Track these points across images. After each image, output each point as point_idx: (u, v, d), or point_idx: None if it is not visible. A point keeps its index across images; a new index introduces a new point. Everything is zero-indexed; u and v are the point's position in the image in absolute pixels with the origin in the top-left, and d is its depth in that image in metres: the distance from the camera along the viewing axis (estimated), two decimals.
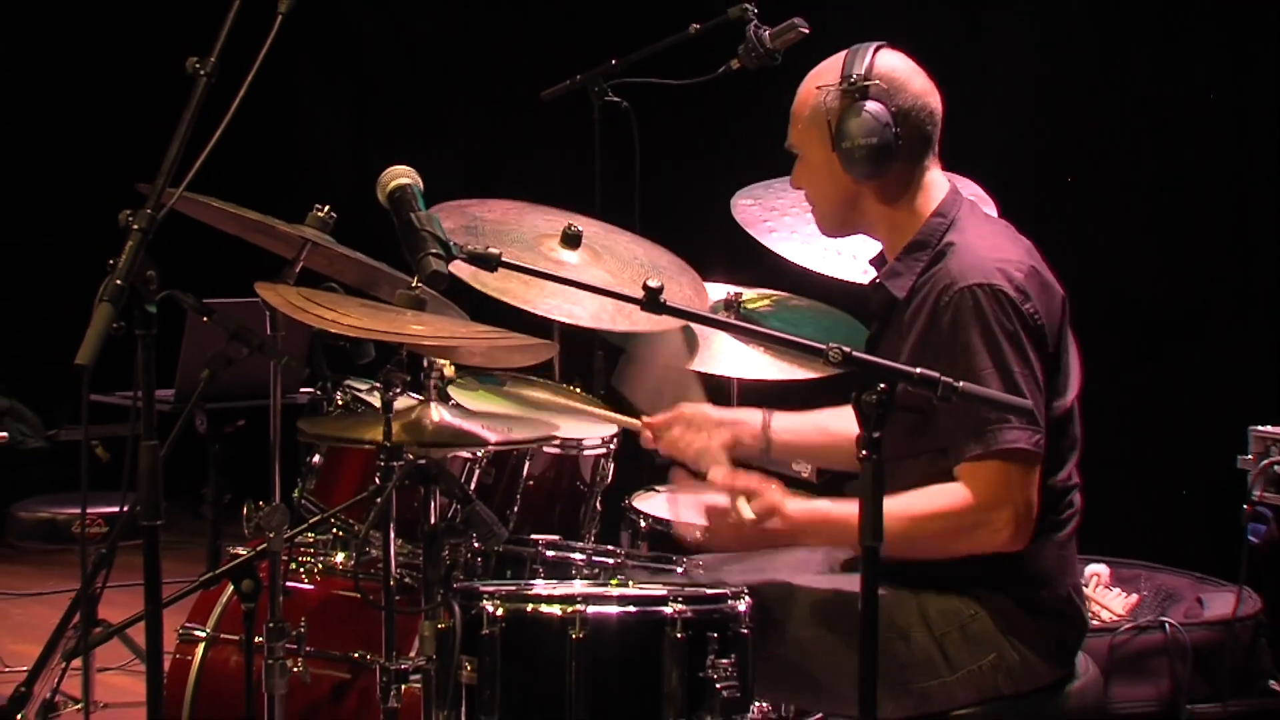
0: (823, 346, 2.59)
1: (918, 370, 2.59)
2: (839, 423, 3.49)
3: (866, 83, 3.14)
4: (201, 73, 2.67)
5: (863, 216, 3.28)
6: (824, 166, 3.24)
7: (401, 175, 2.82)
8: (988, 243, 3.14)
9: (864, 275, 3.70)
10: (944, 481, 3.06)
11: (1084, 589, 3.69)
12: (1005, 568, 3.10)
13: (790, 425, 3.55)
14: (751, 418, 3.54)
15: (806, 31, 4.21)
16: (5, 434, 5.25)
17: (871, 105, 3.12)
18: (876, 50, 3.20)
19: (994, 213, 4.04)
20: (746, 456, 3.49)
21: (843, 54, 3.23)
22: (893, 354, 3.00)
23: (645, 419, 3.53)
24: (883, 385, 2.53)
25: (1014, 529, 3.00)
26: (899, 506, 2.92)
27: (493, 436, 3.55)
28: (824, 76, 3.23)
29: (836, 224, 3.36)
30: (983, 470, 3.01)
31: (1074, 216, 5.47)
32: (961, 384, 2.58)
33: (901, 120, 3.15)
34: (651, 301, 2.67)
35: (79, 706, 4.91)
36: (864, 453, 2.51)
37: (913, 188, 3.23)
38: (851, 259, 3.95)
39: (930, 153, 3.24)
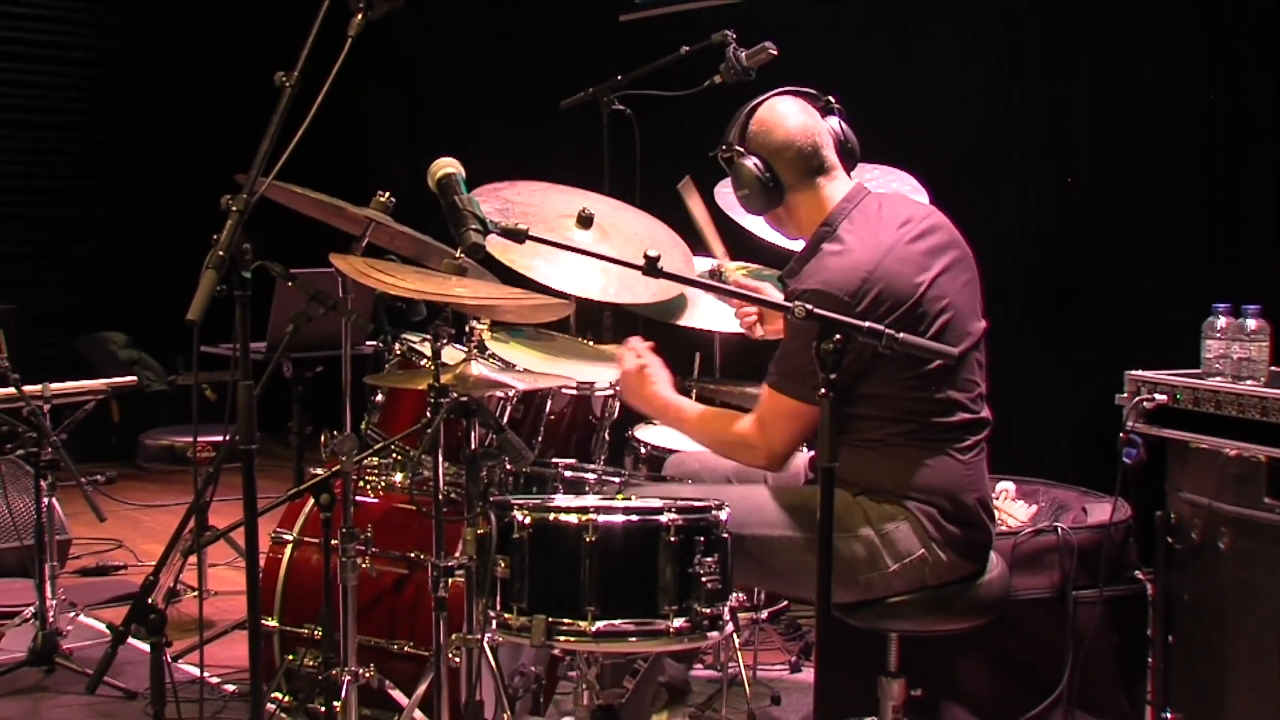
0: (790, 305, 2.57)
1: (866, 324, 2.57)
2: None
3: (740, 146, 3.22)
4: (287, 84, 2.68)
5: (798, 226, 3.29)
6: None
7: (448, 165, 2.81)
8: (845, 254, 3.10)
9: None
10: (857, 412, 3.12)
11: (994, 501, 3.68)
12: (922, 483, 3.11)
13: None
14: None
15: (775, 53, 4.20)
16: (135, 379, 5.21)
17: (747, 161, 3.20)
18: (753, 109, 3.25)
19: (925, 199, 4.02)
20: None
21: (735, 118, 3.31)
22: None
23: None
24: (838, 336, 2.50)
25: (766, 461, 3.18)
26: (706, 416, 3.30)
27: (521, 380, 3.52)
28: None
29: (791, 235, 3.38)
30: (762, 400, 3.16)
31: (989, 203, 5.45)
32: (901, 335, 2.56)
33: (775, 162, 3.19)
34: (651, 268, 2.66)
35: (195, 593, 4.90)
36: (822, 391, 2.49)
37: (810, 204, 3.23)
38: None
39: (819, 174, 3.22)
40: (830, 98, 3.30)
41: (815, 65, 5.24)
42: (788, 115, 3.21)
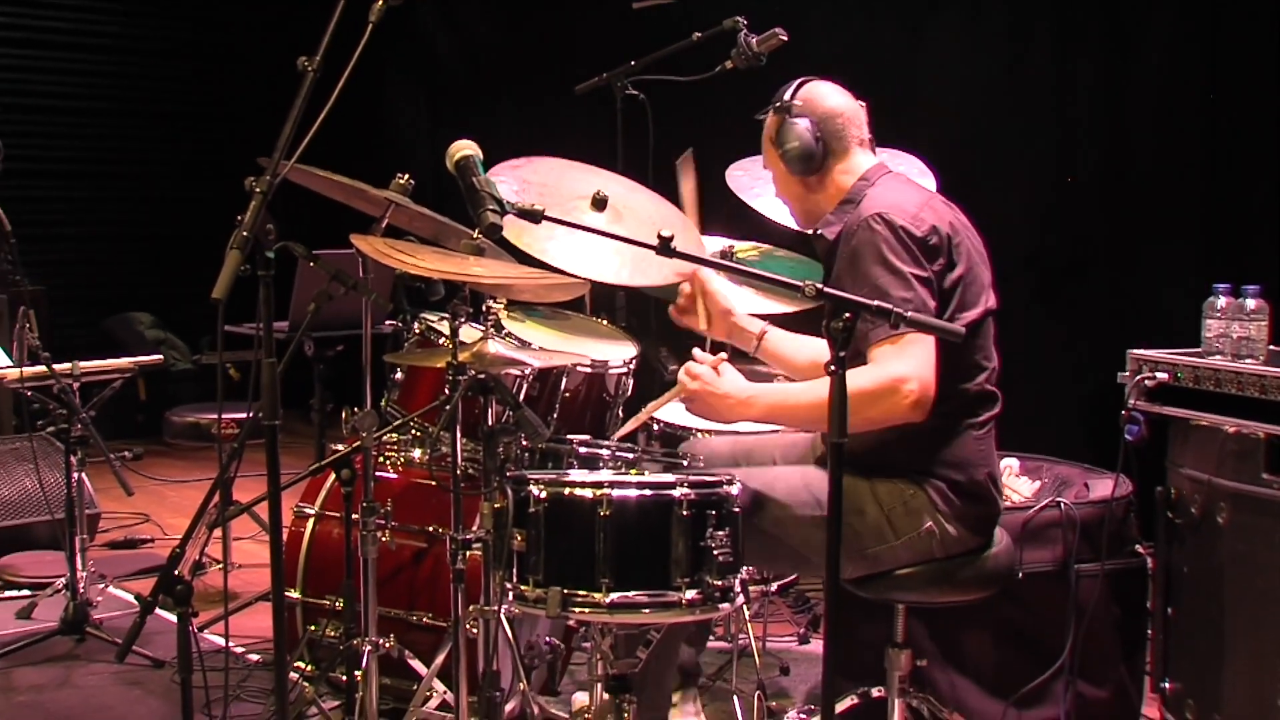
0: (800, 284, 2.56)
1: (874, 303, 2.56)
2: (809, 350, 3.51)
3: (791, 104, 3.22)
4: (309, 69, 2.67)
5: (818, 204, 3.29)
6: (780, 174, 3.31)
7: (466, 147, 2.79)
8: (891, 192, 3.15)
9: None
10: None
11: (1000, 477, 3.68)
12: (935, 457, 3.09)
13: (780, 341, 3.55)
14: (751, 325, 3.55)
15: (785, 39, 4.18)
16: (161, 358, 5.21)
17: (797, 120, 3.20)
18: (800, 84, 3.26)
19: (933, 183, 4.00)
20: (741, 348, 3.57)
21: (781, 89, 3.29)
22: (839, 286, 2.96)
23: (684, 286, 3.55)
24: (847, 315, 2.49)
25: (916, 396, 2.93)
26: (820, 387, 2.86)
27: (537, 358, 3.52)
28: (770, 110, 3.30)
29: (803, 219, 3.37)
30: (880, 354, 2.98)
31: (995, 186, 5.43)
32: (910, 314, 2.55)
33: (820, 126, 3.20)
34: (664, 248, 2.65)
35: (220, 565, 4.91)
36: (832, 368, 2.48)
37: (844, 171, 3.25)
38: None
39: (852, 145, 3.26)
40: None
41: (825, 50, 5.23)
42: (833, 89, 3.28)
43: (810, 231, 3.32)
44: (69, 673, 4.35)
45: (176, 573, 2.94)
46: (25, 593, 5.08)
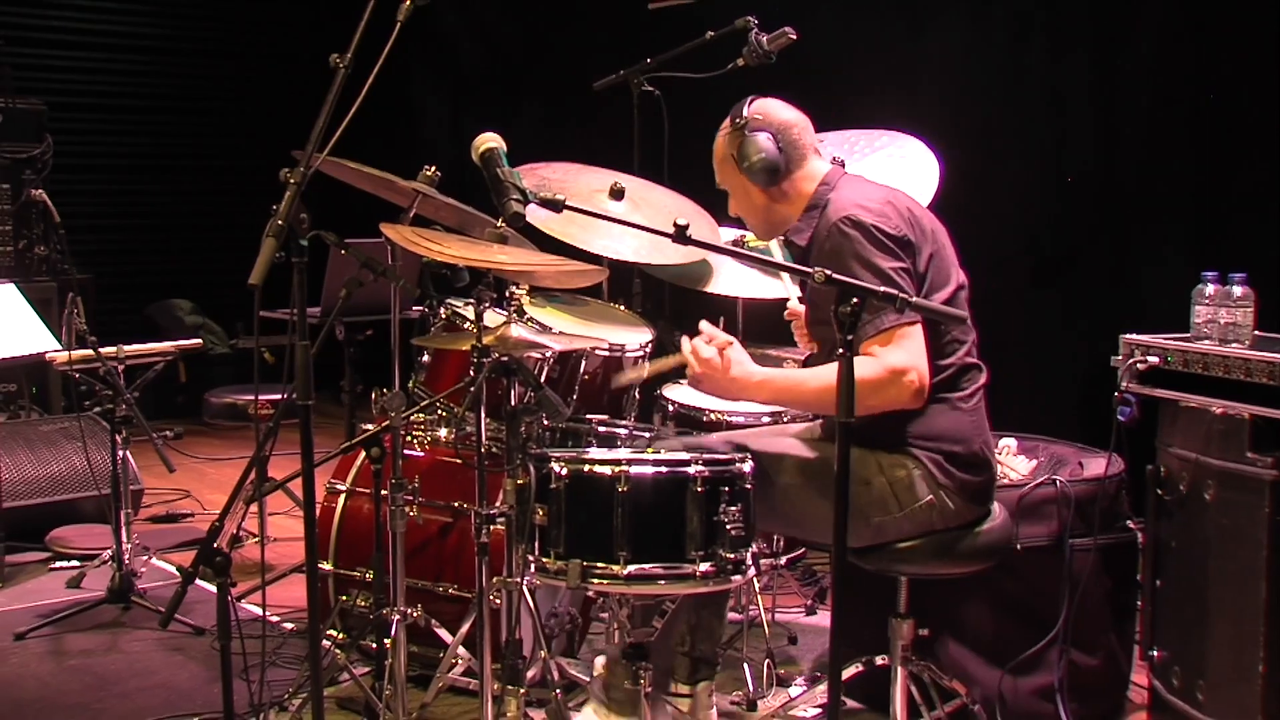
0: (810, 270, 2.54)
1: (881, 288, 2.55)
2: None
3: (748, 120, 3.20)
4: (341, 65, 2.66)
5: (779, 215, 3.27)
6: (741, 188, 3.28)
7: (490, 140, 2.79)
8: (854, 192, 3.14)
9: None
10: None
11: (998, 455, 3.67)
12: (928, 431, 3.08)
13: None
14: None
15: (795, 38, 4.15)
16: (200, 342, 5.21)
17: (756, 135, 3.18)
18: (751, 100, 3.25)
19: (936, 168, 3.99)
20: None
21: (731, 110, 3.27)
22: (819, 291, 2.95)
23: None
24: (855, 300, 2.48)
25: (916, 385, 2.96)
26: (826, 375, 2.89)
27: (558, 341, 3.51)
28: (722, 128, 3.28)
29: (765, 229, 3.36)
30: (878, 347, 2.98)
31: (992, 175, 5.40)
32: (915, 299, 2.54)
33: (778, 138, 3.19)
34: (680, 235, 2.64)
35: (256, 539, 4.92)
36: (840, 351, 2.46)
37: (802, 181, 3.23)
38: None
39: (809, 153, 3.25)
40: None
41: (833, 46, 5.21)
42: (781, 104, 3.27)
43: (779, 237, 3.31)
44: (115, 639, 4.36)
45: (215, 545, 2.93)
46: (74, 563, 5.10)
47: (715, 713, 3.65)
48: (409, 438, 4.01)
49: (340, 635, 3.89)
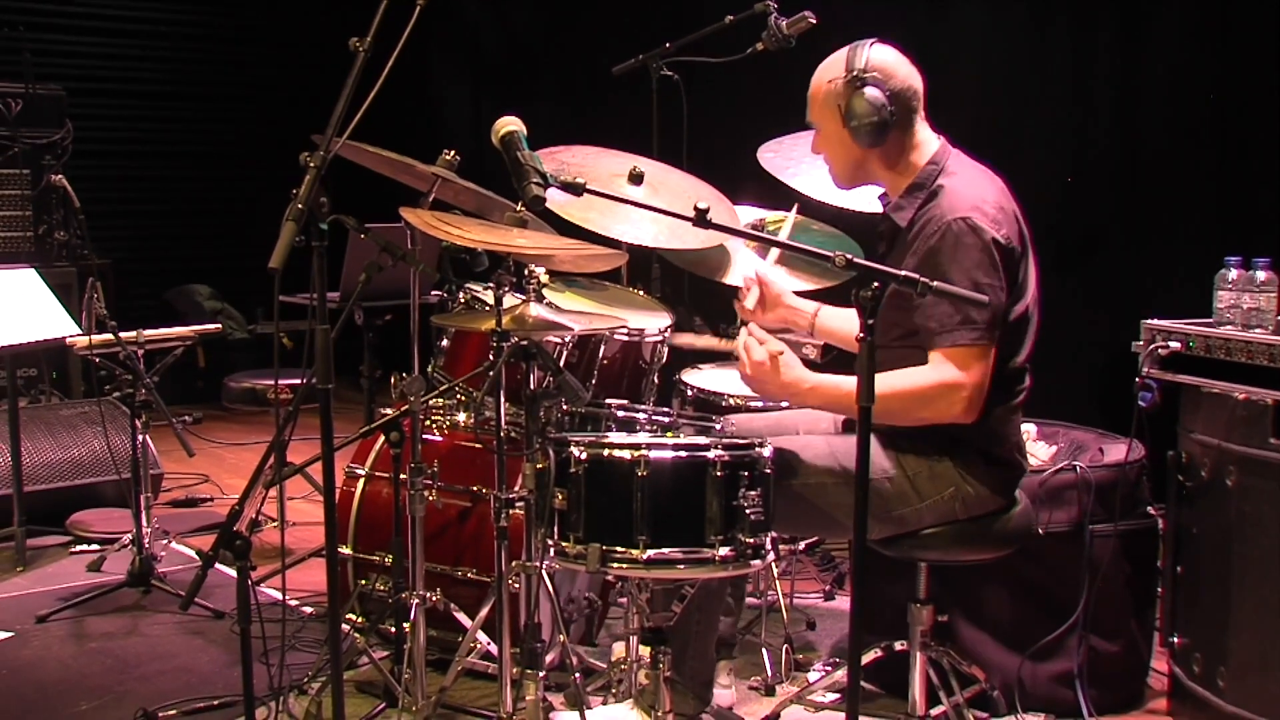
0: (831, 254, 2.52)
1: (902, 272, 2.53)
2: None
3: (865, 74, 3.05)
4: (360, 50, 2.65)
5: (869, 173, 3.20)
6: (837, 139, 3.15)
7: (510, 123, 2.77)
8: (970, 186, 3.05)
9: (863, 204, 3.65)
10: (919, 364, 3.00)
11: (1023, 443, 3.65)
12: (967, 433, 3.04)
13: (831, 317, 3.49)
14: (805, 306, 3.50)
15: (815, 22, 4.13)
16: (219, 326, 5.24)
17: (870, 91, 3.04)
18: (871, 45, 3.10)
19: None
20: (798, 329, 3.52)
21: (845, 50, 3.12)
22: (898, 267, 2.91)
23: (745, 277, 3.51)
24: (875, 284, 2.46)
25: (966, 404, 2.96)
26: (880, 382, 2.80)
27: (577, 325, 3.50)
28: (832, 69, 3.13)
29: (848, 180, 3.26)
30: (944, 357, 2.95)
31: (1012, 160, 5.34)
32: (935, 283, 2.52)
33: (894, 100, 3.06)
34: (700, 219, 2.63)
35: (276, 523, 4.93)
36: (861, 335, 2.45)
37: (907, 148, 3.14)
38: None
39: (918, 119, 3.14)
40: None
41: (852, 31, 5.17)
42: (900, 59, 3.13)
43: (881, 212, 3.25)
44: (136, 622, 4.38)
45: (235, 529, 2.93)
46: (95, 547, 5.12)
47: (734, 693, 3.66)
48: (428, 422, 4.01)
49: (359, 619, 3.90)
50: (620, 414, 3.42)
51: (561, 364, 3.62)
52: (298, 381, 4.81)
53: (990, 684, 3.44)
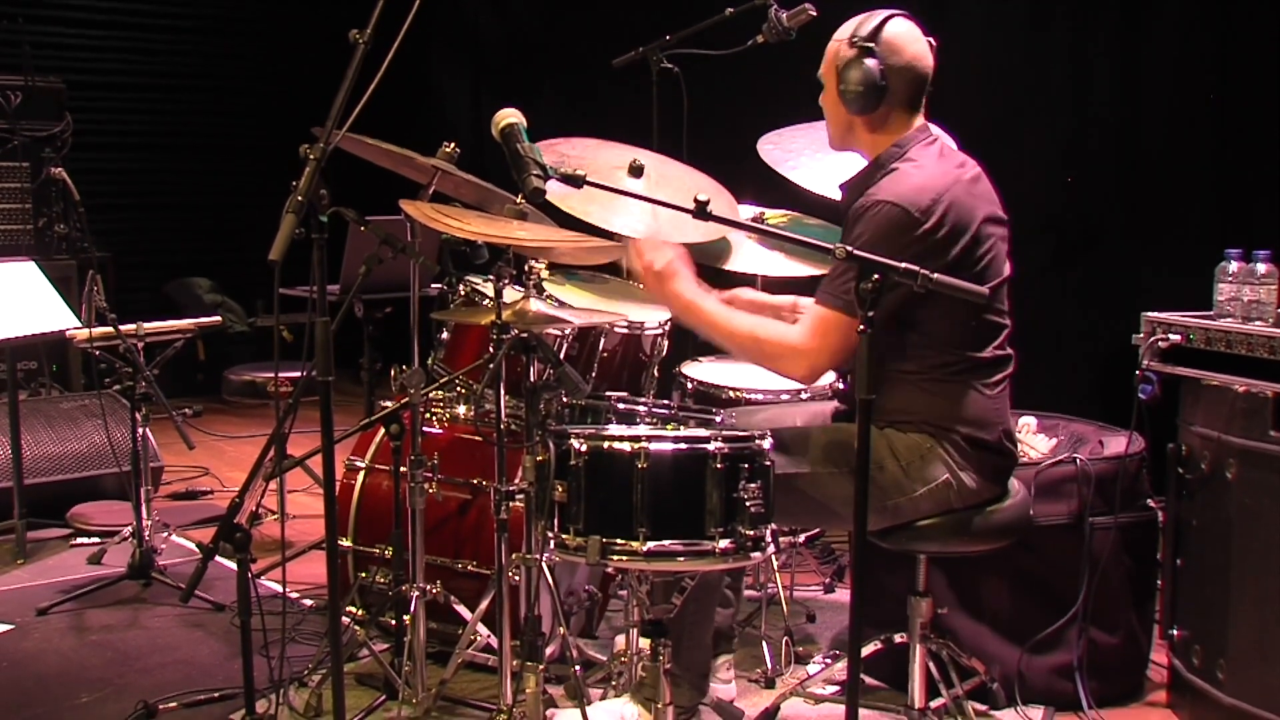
0: (830, 246, 2.53)
1: (902, 264, 2.52)
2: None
3: (869, 44, 3.06)
4: (360, 42, 2.64)
5: (855, 140, 3.20)
6: (832, 99, 3.18)
7: (510, 115, 2.76)
8: (918, 175, 3.03)
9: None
10: (906, 346, 3.05)
11: (1018, 434, 3.65)
12: (951, 414, 3.06)
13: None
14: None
15: (815, 14, 4.11)
16: (219, 319, 5.23)
17: (869, 62, 3.05)
18: (887, 19, 3.10)
19: (953, 144, 3.95)
20: None
21: (864, 16, 3.13)
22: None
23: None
24: (876, 275, 2.46)
25: (808, 370, 3.05)
26: (745, 320, 3.11)
27: (577, 318, 3.50)
28: (847, 31, 3.15)
29: (838, 142, 3.26)
30: (811, 318, 3.04)
31: (1014, 153, 5.38)
32: (935, 275, 2.51)
33: (890, 75, 3.06)
34: (700, 211, 2.62)
35: (276, 516, 4.93)
36: (861, 327, 2.45)
37: (891, 124, 3.13)
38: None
39: (915, 101, 3.14)
40: (932, 40, 3.19)
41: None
42: (917, 39, 3.13)
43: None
44: (136, 614, 4.38)
45: (235, 522, 2.94)
46: (95, 540, 5.12)
47: (734, 687, 3.66)
48: (428, 415, 4.01)
49: (359, 612, 3.90)
50: (620, 407, 3.42)
51: (561, 357, 3.62)
52: (298, 374, 4.80)
53: (990, 676, 3.44)
